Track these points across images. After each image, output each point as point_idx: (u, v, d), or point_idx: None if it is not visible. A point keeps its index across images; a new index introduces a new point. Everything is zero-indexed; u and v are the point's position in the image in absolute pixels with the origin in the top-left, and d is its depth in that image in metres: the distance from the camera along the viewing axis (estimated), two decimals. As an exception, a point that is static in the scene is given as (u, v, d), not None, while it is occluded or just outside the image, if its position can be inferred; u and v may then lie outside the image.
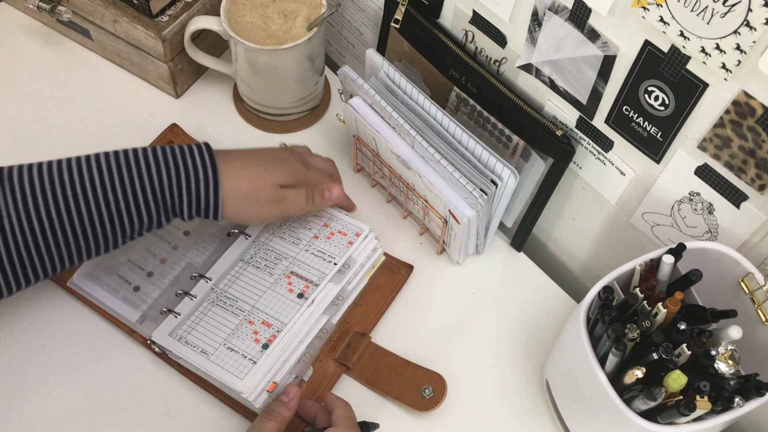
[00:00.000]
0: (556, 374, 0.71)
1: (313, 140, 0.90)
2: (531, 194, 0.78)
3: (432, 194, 0.74)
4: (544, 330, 0.79)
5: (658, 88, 0.60)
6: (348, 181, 0.87)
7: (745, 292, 0.63)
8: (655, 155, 0.66)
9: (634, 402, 0.59)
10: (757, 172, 0.58)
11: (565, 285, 0.83)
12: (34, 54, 0.92)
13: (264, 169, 0.69)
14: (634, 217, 0.73)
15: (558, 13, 0.63)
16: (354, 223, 0.77)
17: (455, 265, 0.83)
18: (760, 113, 0.54)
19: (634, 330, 0.59)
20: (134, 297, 0.76)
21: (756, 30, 0.50)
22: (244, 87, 0.87)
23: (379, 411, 0.74)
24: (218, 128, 0.89)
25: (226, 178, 0.67)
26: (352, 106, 0.77)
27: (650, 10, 0.56)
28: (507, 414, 0.75)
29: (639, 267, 0.63)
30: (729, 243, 0.64)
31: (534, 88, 0.73)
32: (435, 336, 0.78)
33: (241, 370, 0.68)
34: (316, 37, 0.81)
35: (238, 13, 0.80)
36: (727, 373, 0.59)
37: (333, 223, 0.78)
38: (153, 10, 0.82)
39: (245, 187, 0.68)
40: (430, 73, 0.80)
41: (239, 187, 0.67)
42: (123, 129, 0.88)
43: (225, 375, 0.68)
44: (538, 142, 0.73)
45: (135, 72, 0.92)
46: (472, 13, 0.73)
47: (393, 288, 0.80)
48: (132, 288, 0.76)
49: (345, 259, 0.74)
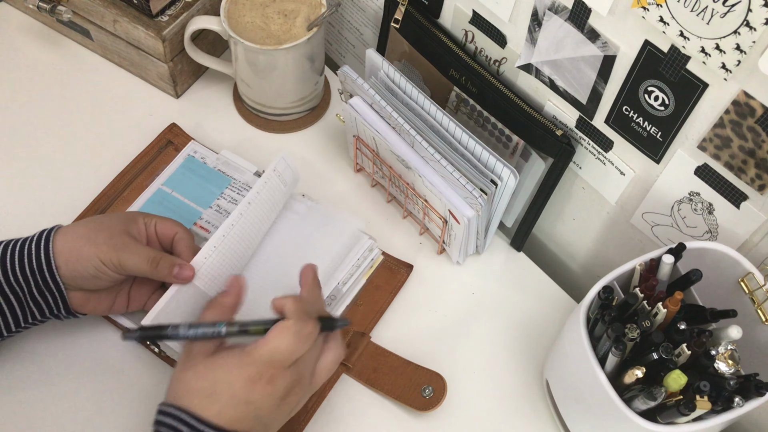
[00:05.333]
0: (556, 374, 0.71)
1: (313, 140, 0.90)
2: (531, 194, 0.78)
3: (432, 194, 0.74)
4: (544, 330, 0.79)
5: (658, 88, 0.60)
6: (348, 181, 0.87)
7: (745, 292, 0.63)
8: (655, 155, 0.66)
9: (634, 402, 0.59)
10: (757, 172, 0.58)
11: (565, 285, 0.83)
12: (34, 54, 0.92)
13: (107, 218, 0.68)
14: (634, 217, 0.73)
15: (558, 13, 0.63)
16: (358, 235, 0.78)
17: (455, 265, 0.83)
18: (760, 113, 0.54)
19: (634, 330, 0.59)
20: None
21: (756, 30, 0.50)
22: (244, 87, 0.87)
23: (379, 411, 0.74)
24: (218, 128, 0.89)
25: (61, 232, 0.65)
26: (352, 106, 0.77)
27: (650, 10, 0.56)
28: (507, 414, 0.75)
29: (639, 267, 0.63)
30: (729, 243, 0.64)
31: (534, 88, 0.73)
32: (435, 336, 0.78)
33: None
34: (316, 37, 0.81)
35: (238, 13, 0.80)
36: (727, 373, 0.59)
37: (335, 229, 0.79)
38: (153, 10, 0.82)
39: (82, 229, 0.66)
40: (430, 73, 0.80)
41: (75, 230, 0.65)
42: (123, 129, 0.88)
43: None
44: (538, 142, 0.73)
45: (135, 72, 0.92)
46: (472, 13, 0.73)
47: (393, 288, 0.80)
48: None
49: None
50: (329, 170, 0.88)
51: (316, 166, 0.88)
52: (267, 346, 0.58)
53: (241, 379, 0.57)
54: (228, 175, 0.83)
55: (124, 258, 0.65)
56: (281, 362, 0.58)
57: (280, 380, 0.58)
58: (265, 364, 0.58)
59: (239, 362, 0.58)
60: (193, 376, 0.59)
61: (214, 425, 0.56)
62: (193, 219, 0.81)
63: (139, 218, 0.69)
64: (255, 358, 0.58)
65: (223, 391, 0.57)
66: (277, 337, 0.58)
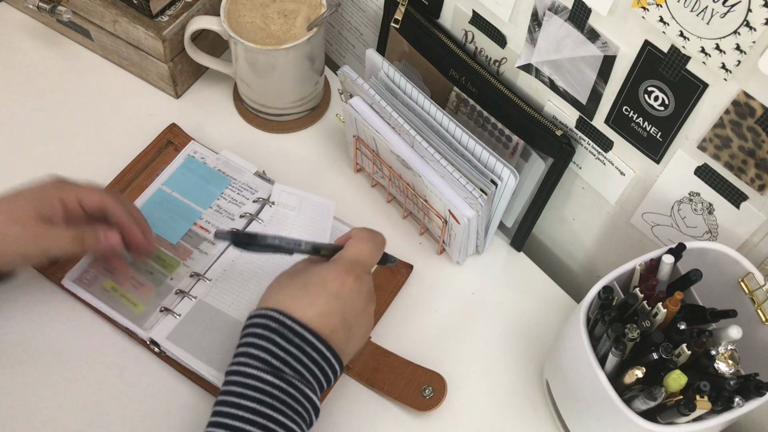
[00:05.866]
0: (556, 374, 0.71)
1: (313, 140, 0.90)
2: (531, 194, 0.78)
3: (432, 194, 0.74)
4: (544, 330, 0.79)
5: (657, 88, 0.60)
6: (348, 181, 0.87)
7: (745, 292, 0.63)
8: (655, 155, 0.66)
9: (634, 402, 0.59)
10: (757, 172, 0.58)
11: (565, 285, 0.83)
12: (34, 54, 0.92)
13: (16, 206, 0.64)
14: (634, 217, 0.73)
15: (558, 13, 0.63)
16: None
17: (455, 265, 0.83)
18: (760, 113, 0.54)
19: (634, 330, 0.59)
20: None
21: (756, 30, 0.50)
22: (244, 87, 0.87)
23: (379, 411, 0.74)
24: (218, 128, 0.89)
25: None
26: (352, 106, 0.77)
27: (650, 11, 0.56)
28: (507, 414, 0.75)
29: (639, 267, 0.63)
30: (729, 243, 0.64)
31: (534, 88, 0.73)
32: (435, 336, 0.78)
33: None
34: (316, 37, 0.81)
35: (238, 13, 0.80)
36: (727, 373, 0.59)
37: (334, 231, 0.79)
38: (153, 10, 0.82)
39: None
40: (430, 73, 0.80)
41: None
42: (123, 129, 0.88)
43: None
44: (538, 142, 0.73)
45: (135, 72, 0.92)
46: (472, 13, 0.73)
47: (393, 288, 0.80)
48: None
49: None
50: (329, 170, 0.88)
51: (316, 166, 0.88)
52: (351, 250, 0.64)
53: (332, 274, 0.62)
54: (228, 175, 0.83)
55: (45, 247, 0.65)
56: (365, 264, 0.64)
57: (365, 280, 0.63)
58: (350, 263, 0.63)
59: (327, 266, 0.63)
60: (287, 279, 0.63)
61: (304, 324, 0.60)
62: (193, 219, 0.81)
63: (52, 195, 0.66)
64: (341, 261, 0.63)
65: (315, 284, 0.61)
66: (358, 243, 0.64)
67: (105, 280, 0.76)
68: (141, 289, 0.75)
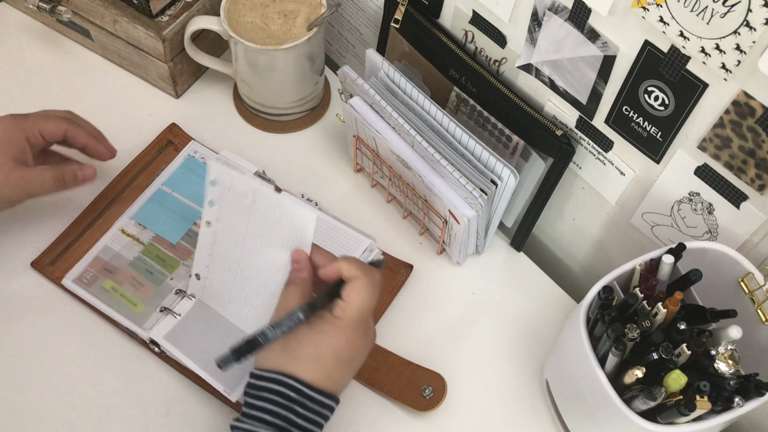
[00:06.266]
0: (556, 374, 0.71)
1: (313, 140, 0.90)
2: (531, 194, 0.78)
3: (432, 194, 0.74)
4: (544, 330, 0.79)
5: (657, 88, 0.60)
6: (348, 181, 0.87)
7: (745, 292, 0.63)
8: (655, 155, 0.66)
9: (634, 402, 0.59)
10: (757, 172, 0.58)
11: (565, 285, 0.83)
12: (34, 54, 0.92)
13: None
14: (634, 217, 0.73)
15: (558, 13, 0.63)
16: (358, 237, 0.77)
17: (455, 265, 0.83)
18: (760, 113, 0.54)
19: (634, 330, 0.59)
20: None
21: (756, 30, 0.50)
22: (244, 87, 0.87)
23: (379, 411, 0.74)
24: (218, 128, 0.89)
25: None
26: (352, 106, 0.77)
27: (650, 11, 0.56)
28: (507, 414, 0.75)
29: (639, 267, 0.63)
30: (729, 243, 0.64)
31: (534, 88, 0.73)
32: (435, 336, 0.78)
33: (236, 383, 0.69)
34: (316, 37, 0.81)
35: (238, 13, 0.80)
36: (727, 373, 0.59)
37: (336, 235, 0.78)
38: (153, 10, 0.82)
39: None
40: (430, 73, 0.80)
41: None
42: (123, 129, 0.88)
43: (221, 387, 0.70)
44: (538, 142, 0.73)
45: (135, 72, 0.92)
46: (472, 13, 0.73)
47: (393, 288, 0.80)
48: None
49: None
50: (329, 170, 0.88)
51: (316, 167, 0.88)
52: (353, 306, 0.62)
53: (343, 341, 0.62)
54: (228, 175, 0.83)
55: (30, 191, 0.70)
56: (368, 313, 0.63)
57: (370, 327, 0.65)
58: (357, 321, 0.62)
59: (335, 327, 0.62)
60: (297, 345, 0.61)
61: (320, 389, 0.60)
62: (193, 219, 0.81)
63: (18, 137, 0.70)
64: (348, 320, 0.62)
65: (328, 355, 0.61)
66: (357, 291, 0.62)
67: (105, 280, 0.76)
68: (141, 289, 0.76)
